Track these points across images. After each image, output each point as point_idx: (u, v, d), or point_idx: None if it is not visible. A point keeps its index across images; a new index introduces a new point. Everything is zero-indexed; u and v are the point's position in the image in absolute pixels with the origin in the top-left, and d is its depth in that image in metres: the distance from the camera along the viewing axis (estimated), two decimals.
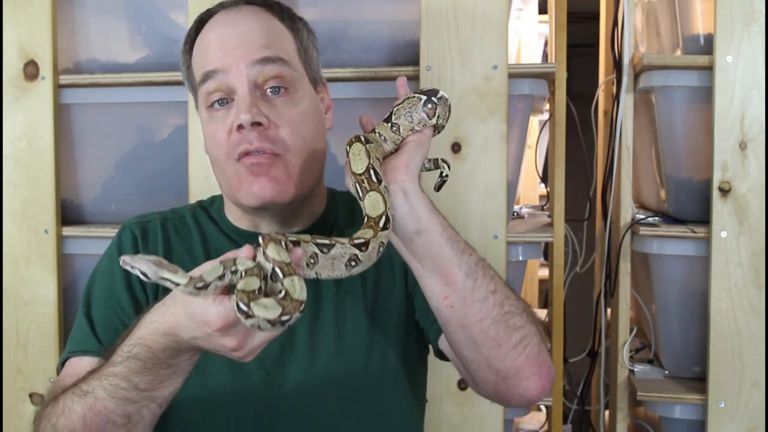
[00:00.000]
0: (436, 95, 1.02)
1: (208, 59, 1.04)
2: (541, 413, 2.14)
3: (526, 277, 2.61)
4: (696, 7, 1.63)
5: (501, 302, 0.95)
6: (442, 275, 0.95)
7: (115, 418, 0.88)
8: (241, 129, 1.00)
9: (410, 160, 0.96)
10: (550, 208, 1.76)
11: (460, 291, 0.94)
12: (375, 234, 0.90)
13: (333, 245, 0.87)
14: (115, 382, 0.88)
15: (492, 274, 0.97)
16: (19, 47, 1.67)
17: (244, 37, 1.04)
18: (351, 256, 0.88)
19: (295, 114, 1.04)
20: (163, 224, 1.13)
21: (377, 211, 0.91)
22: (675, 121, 1.62)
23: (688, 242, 1.58)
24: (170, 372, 0.88)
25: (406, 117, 1.01)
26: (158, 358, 0.86)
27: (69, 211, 1.74)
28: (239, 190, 1.03)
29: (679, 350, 1.69)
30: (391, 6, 1.65)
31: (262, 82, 1.03)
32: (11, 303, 1.68)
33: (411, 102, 1.02)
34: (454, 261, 0.94)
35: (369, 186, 0.93)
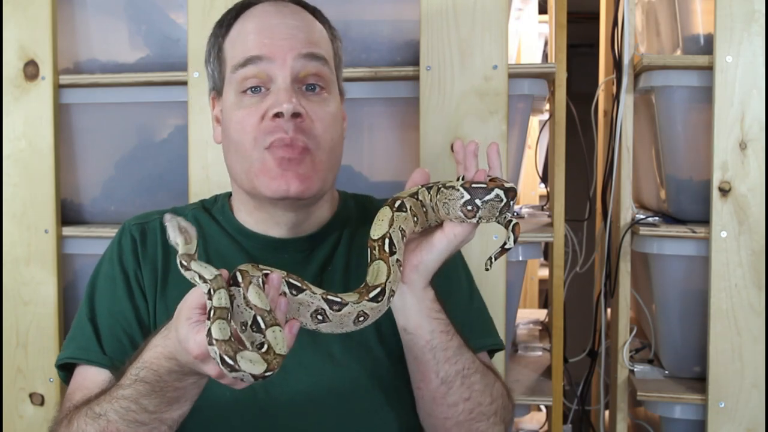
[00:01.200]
0: (482, 197, 0.89)
1: (253, 45, 1.03)
2: (541, 413, 2.14)
3: (526, 277, 2.61)
4: (696, 7, 1.63)
5: (471, 409, 0.99)
6: (420, 373, 0.98)
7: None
8: (278, 118, 1.00)
9: (425, 258, 0.94)
10: (550, 208, 1.76)
11: (432, 392, 0.98)
12: (358, 300, 0.86)
13: (303, 290, 0.84)
14: (125, 404, 0.88)
15: (473, 381, 0.99)
16: (19, 47, 1.67)
17: (293, 30, 1.03)
18: (318, 309, 0.84)
19: (328, 113, 1.05)
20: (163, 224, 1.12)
21: (375, 281, 0.88)
22: (675, 121, 1.62)
23: (688, 242, 1.58)
24: (177, 396, 0.88)
25: (443, 206, 0.92)
26: (164, 381, 0.87)
27: (69, 211, 1.74)
28: (259, 178, 1.02)
29: (679, 350, 1.69)
30: (391, 6, 1.65)
31: (303, 77, 1.03)
32: (11, 303, 1.68)
33: (451, 194, 0.90)
34: (433, 368, 0.97)
35: (379, 254, 0.90)
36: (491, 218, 0.91)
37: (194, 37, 1.58)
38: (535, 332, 2.12)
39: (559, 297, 1.65)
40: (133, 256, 1.09)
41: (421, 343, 0.96)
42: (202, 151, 1.60)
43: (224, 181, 1.57)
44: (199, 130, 1.59)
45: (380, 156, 1.65)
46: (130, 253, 1.10)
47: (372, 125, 1.66)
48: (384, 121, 1.65)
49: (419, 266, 0.94)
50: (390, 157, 1.65)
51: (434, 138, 1.53)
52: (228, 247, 1.10)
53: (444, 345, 0.96)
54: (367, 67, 1.59)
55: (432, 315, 0.96)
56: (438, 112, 1.53)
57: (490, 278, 1.52)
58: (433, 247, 0.93)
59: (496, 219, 0.92)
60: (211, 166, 1.59)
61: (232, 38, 1.07)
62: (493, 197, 0.89)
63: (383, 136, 1.67)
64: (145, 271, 1.08)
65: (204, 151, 1.59)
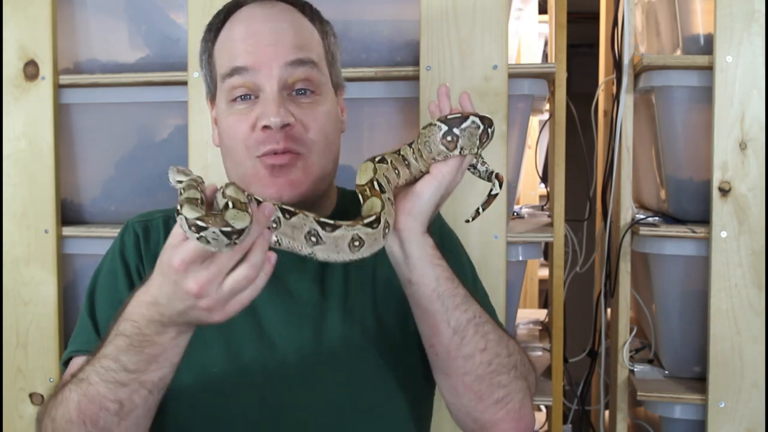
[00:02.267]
0: (459, 125, 0.92)
1: (238, 54, 1.02)
2: (541, 413, 2.14)
3: (526, 277, 2.61)
4: (696, 7, 1.63)
5: (489, 360, 0.96)
6: (430, 326, 0.96)
7: (107, 404, 0.88)
8: (267, 129, 0.99)
9: (417, 202, 0.93)
10: (550, 208, 1.76)
11: (445, 345, 0.96)
12: (351, 225, 0.86)
13: (296, 213, 0.85)
14: (105, 363, 0.87)
15: (486, 330, 0.96)
16: (19, 47, 1.67)
17: (277, 36, 1.02)
18: (311, 230, 0.85)
19: (320, 113, 1.04)
20: (166, 222, 1.12)
21: (370, 211, 0.89)
22: (675, 121, 1.62)
23: (688, 242, 1.58)
24: (156, 353, 0.86)
25: (425, 147, 0.93)
26: (144, 335, 0.85)
27: (69, 211, 1.75)
28: (253, 185, 1.02)
29: (679, 350, 1.69)
30: (391, 6, 1.65)
31: (292, 84, 1.02)
32: (11, 303, 1.68)
33: (430, 131, 0.93)
34: (443, 317, 0.95)
35: (371, 193, 0.90)
36: (473, 148, 0.93)
37: (194, 37, 1.58)
38: (535, 332, 2.12)
39: (559, 297, 1.65)
40: (135, 250, 1.09)
41: (428, 292, 0.94)
42: (202, 151, 1.60)
43: (224, 181, 1.58)
44: (199, 130, 1.60)
45: None
46: (132, 247, 1.10)
47: (372, 125, 1.66)
48: (384, 121, 1.65)
49: (413, 210, 0.93)
50: None
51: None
52: None
53: (451, 292, 0.94)
54: (367, 67, 1.59)
55: (434, 262, 0.94)
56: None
57: (490, 278, 1.52)
58: (423, 191, 0.93)
59: (479, 159, 0.95)
60: (211, 166, 1.59)
61: (219, 45, 1.07)
62: (469, 124, 0.91)
63: (383, 136, 1.67)
64: (147, 265, 1.08)
65: (204, 151, 1.59)
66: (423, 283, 0.94)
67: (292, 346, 1.04)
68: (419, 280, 0.94)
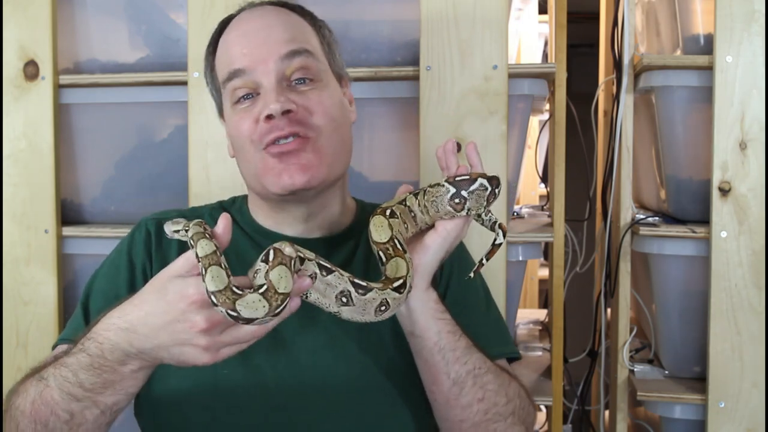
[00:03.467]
0: (467, 188, 0.92)
1: (234, 58, 1.04)
2: (541, 413, 2.14)
3: (526, 277, 2.61)
4: (696, 7, 1.63)
5: (486, 409, 0.98)
6: (430, 376, 0.98)
7: (59, 412, 0.88)
8: (270, 119, 1.00)
9: (422, 260, 0.95)
10: (550, 208, 1.76)
11: (444, 394, 0.98)
12: (382, 288, 0.87)
13: (333, 272, 0.85)
14: (65, 373, 0.88)
15: (485, 381, 0.98)
16: (19, 47, 1.67)
17: (267, 31, 1.04)
18: (344, 291, 0.85)
19: (324, 98, 1.04)
20: None
21: (396, 274, 0.89)
22: (675, 121, 1.62)
23: (688, 242, 1.58)
24: (113, 379, 0.87)
25: (432, 205, 0.94)
26: (105, 359, 0.85)
27: (69, 211, 1.74)
28: (265, 177, 1.03)
29: (679, 350, 1.69)
30: (391, 6, 1.65)
31: (290, 74, 1.03)
32: (11, 303, 1.68)
33: (437, 191, 0.94)
34: (443, 369, 0.97)
35: (394, 253, 0.91)
36: (480, 208, 0.94)
37: (194, 37, 1.58)
38: (535, 332, 2.12)
39: (559, 297, 1.65)
40: (144, 248, 1.09)
41: (429, 345, 0.96)
42: (202, 151, 1.60)
43: (224, 181, 1.58)
44: (199, 130, 1.59)
45: (380, 156, 1.65)
46: (142, 245, 1.10)
47: (372, 125, 1.66)
48: (384, 121, 1.65)
49: (418, 268, 0.94)
50: (390, 157, 1.65)
51: (434, 138, 1.53)
52: (246, 247, 1.10)
53: (452, 345, 0.96)
54: (367, 67, 1.58)
55: (437, 316, 0.96)
56: (438, 112, 1.53)
57: (490, 278, 1.52)
58: (428, 248, 0.95)
59: (484, 211, 0.95)
60: (211, 166, 1.59)
61: (218, 55, 1.10)
62: (477, 187, 0.92)
63: (383, 136, 1.67)
64: (155, 265, 1.08)
65: (204, 151, 1.59)
66: (425, 336, 0.96)
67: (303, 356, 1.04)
68: (421, 333, 0.96)
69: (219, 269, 0.78)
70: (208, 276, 0.77)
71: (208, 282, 0.77)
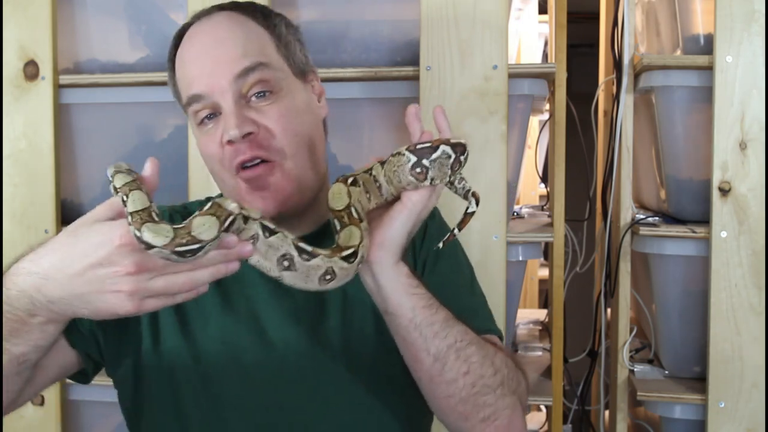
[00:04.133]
0: (429, 156, 0.86)
1: (191, 82, 1.04)
2: (541, 413, 2.14)
3: (526, 277, 2.61)
4: (696, 7, 1.63)
5: (472, 382, 0.95)
6: (410, 354, 0.95)
7: None
8: (232, 144, 1.00)
9: (387, 233, 0.90)
10: (550, 208, 1.76)
11: (427, 371, 0.94)
12: (329, 255, 0.82)
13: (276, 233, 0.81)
14: None
15: (468, 354, 0.94)
16: (19, 47, 1.67)
17: (219, 50, 1.02)
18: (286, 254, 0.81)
19: (284, 112, 1.03)
20: (171, 217, 1.13)
21: (348, 243, 0.85)
22: (675, 121, 1.62)
23: (688, 242, 1.58)
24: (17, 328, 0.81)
25: (395, 176, 0.89)
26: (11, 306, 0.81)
27: (69, 211, 1.74)
28: (242, 201, 1.02)
29: (679, 350, 1.69)
30: (391, 6, 1.65)
31: (246, 91, 1.02)
32: None
33: (398, 160, 0.88)
34: (422, 346, 0.93)
35: (349, 221, 0.87)
36: (445, 177, 0.88)
37: None
38: (535, 332, 2.12)
39: (559, 297, 1.65)
40: None
41: (404, 322, 0.92)
42: None
43: None
44: None
45: (380, 156, 1.65)
46: None
47: (372, 125, 1.66)
48: (384, 121, 1.65)
49: (384, 242, 0.90)
50: None
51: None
52: None
53: (429, 320, 0.92)
54: (367, 67, 1.58)
55: (410, 291, 0.92)
56: None
57: (490, 278, 1.52)
58: (393, 221, 0.90)
59: (450, 180, 0.91)
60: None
61: (177, 73, 1.10)
62: (440, 154, 0.86)
63: (383, 136, 1.66)
64: None
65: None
66: (399, 313, 0.92)
67: (291, 346, 1.04)
68: (395, 310, 0.92)
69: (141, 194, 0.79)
70: (130, 198, 0.77)
71: (128, 203, 0.76)
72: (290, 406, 1.03)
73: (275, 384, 1.03)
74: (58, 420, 1.68)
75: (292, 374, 1.03)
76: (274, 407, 1.03)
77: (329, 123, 1.15)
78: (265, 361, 1.03)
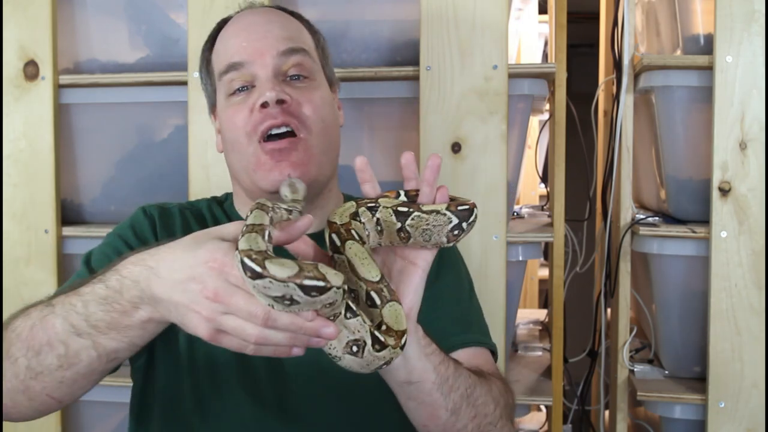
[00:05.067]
0: (468, 219, 0.83)
1: (233, 51, 1.06)
2: (541, 413, 2.14)
3: (526, 277, 2.61)
4: (696, 7, 1.63)
5: (478, 424, 0.94)
6: (427, 415, 0.92)
7: (55, 343, 0.83)
8: (265, 108, 1.02)
9: (415, 300, 0.86)
10: (550, 208, 1.76)
11: (440, 427, 0.92)
12: (394, 346, 0.76)
13: (357, 315, 0.74)
14: (74, 301, 0.83)
15: (475, 397, 0.93)
16: (19, 47, 1.67)
17: (267, 27, 1.07)
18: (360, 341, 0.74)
19: (316, 96, 1.07)
20: (182, 213, 1.14)
21: (397, 326, 0.78)
22: (675, 121, 1.62)
23: (688, 242, 1.58)
24: (121, 322, 0.81)
25: (424, 234, 0.83)
26: (120, 295, 0.80)
27: (69, 211, 1.74)
28: (257, 172, 1.04)
29: (679, 350, 1.69)
30: (391, 6, 1.65)
31: (285, 70, 1.06)
32: (11, 303, 1.68)
33: (437, 220, 0.83)
34: (441, 404, 0.90)
35: (390, 296, 0.80)
36: None
37: (194, 37, 1.58)
38: (535, 332, 2.12)
39: (559, 297, 1.65)
40: (150, 226, 1.09)
41: (428, 386, 0.89)
42: (202, 151, 1.60)
43: (224, 181, 1.58)
44: (199, 130, 1.59)
45: (380, 156, 1.65)
46: (147, 223, 1.10)
47: (372, 125, 1.66)
48: (384, 121, 1.65)
49: (410, 313, 0.86)
50: (390, 157, 1.65)
51: (434, 138, 1.53)
52: None
53: (445, 376, 0.90)
54: (367, 67, 1.59)
55: (427, 352, 0.89)
56: (438, 112, 1.53)
57: (490, 278, 1.52)
58: (417, 288, 0.86)
59: None
60: (211, 166, 1.59)
61: (216, 49, 1.12)
62: (474, 218, 0.84)
63: (383, 136, 1.67)
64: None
65: (204, 151, 1.59)
66: (424, 379, 0.88)
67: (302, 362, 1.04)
68: (420, 377, 0.88)
69: (257, 236, 0.70)
70: (243, 238, 0.70)
71: (241, 242, 0.69)
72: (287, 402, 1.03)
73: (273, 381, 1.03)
74: (58, 420, 1.68)
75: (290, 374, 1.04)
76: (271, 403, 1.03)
77: None
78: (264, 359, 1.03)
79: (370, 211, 0.85)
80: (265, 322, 0.70)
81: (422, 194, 0.86)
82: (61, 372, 0.84)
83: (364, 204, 0.86)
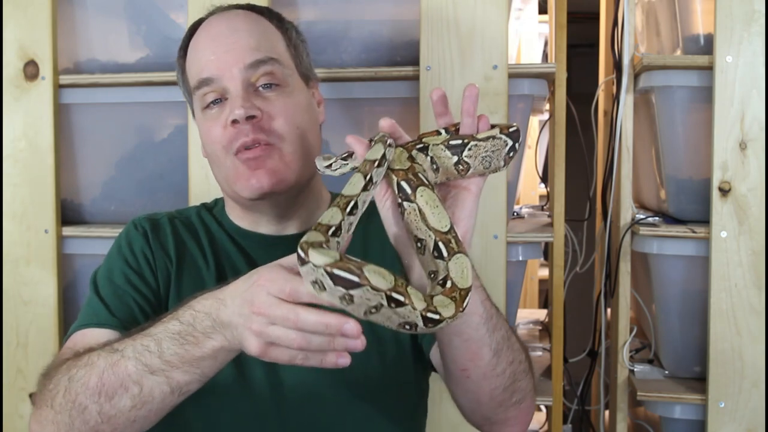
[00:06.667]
0: (518, 139, 0.84)
1: (202, 66, 1.07)
2: (541, 413, 2.14)
3: (526, 277, 2.61)
4: (696, 7, 1.63)
5: (514, 371, 0.94)
6: (470, 353, 0.91)
7: (129, 384, 0.85)
8: (236, 124, 1.03)
9: (470, 224, 0.85)
10: (550, 208, 1.76)
11: (483, 368, 0.92)
12: (453, 315, 0.72)
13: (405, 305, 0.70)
14: (146, 342, 0.85)
15: (512, 342, 0.94)
16: (19, 47, 1.67)
17: (234, 38, 1.06)
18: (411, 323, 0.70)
19: (288, 104, 1.07)
20: (171, 221, 1.15)
21: (462, 283, 0.74)
22: (675, 121, 1.62)
23: (688, 242, 1.58)
24: (194, 354, 0.83)
25: (484, 161, 0.83)
26: (194, 328, 0.83)
27: (69, 211, 1.74)
28: (237, 183, 1.06)
29: (679, 350, 1.69)
30: (391, 6, 1.65)
31: (255, 81, 1.06)
32: (11, 303, 1.68)
33: (496, 144, 0.83)
34: (487, 341, 0.90)
35: (457, 246, 0.77)
36: None
37: None
38: (535, 332, 2.12)
39: (559, 297, 1.65)
40: (144, 240, 1.10)
41: (477, 319, 0.88)
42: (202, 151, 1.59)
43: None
44: None
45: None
46: (141, 238, 1.11)
47: (372, 125, 1.66)
48: None
49: (465, 236, 0.85)
50: None
51: None
52: (230, 246, 1.13)
53: (491, 312, 0.90)
54: (367, 67, 1.59)
55: (476, 285, 0.88)
56: None
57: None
58: (471, 213, 0.86)
59: None
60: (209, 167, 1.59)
61: (188, 60, 1.13)
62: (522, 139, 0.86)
63: None
64: (157, 256, 1.09)
65: (202, 155, 1.59)
66: (473, 311, 0.87)
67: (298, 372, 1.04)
68: (469, 308, 0.83)
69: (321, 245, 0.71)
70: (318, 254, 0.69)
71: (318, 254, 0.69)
72: (286, 408, 1.03)
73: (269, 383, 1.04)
74: None
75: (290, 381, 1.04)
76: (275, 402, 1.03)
77: (331, 123, 1.17)
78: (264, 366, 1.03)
79: (421, 152, 0.84)
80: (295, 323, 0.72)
81: (464, 125, 0.87)
82: (135, 412, 0.86)
83: (413, 146, 0.85)
